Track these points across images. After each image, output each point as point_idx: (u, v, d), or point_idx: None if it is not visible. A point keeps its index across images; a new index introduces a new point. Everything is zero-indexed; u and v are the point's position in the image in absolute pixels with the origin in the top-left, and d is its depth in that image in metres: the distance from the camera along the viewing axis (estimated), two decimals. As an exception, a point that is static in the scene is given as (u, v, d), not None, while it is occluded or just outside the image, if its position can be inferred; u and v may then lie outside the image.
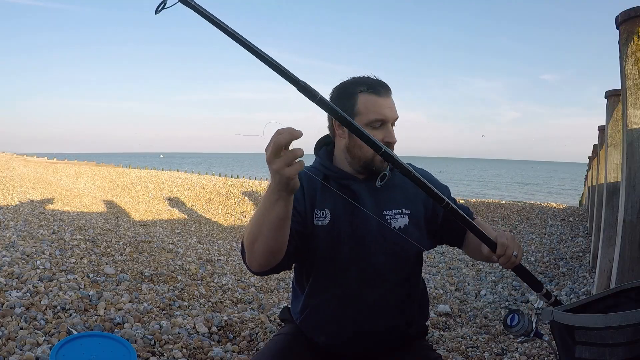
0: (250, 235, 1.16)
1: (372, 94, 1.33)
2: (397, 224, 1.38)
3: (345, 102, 1.34)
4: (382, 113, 1.33)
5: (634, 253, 2.00)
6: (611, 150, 3.65)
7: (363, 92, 1.33)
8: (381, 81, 1.37)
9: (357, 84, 1.35)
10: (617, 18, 2.03)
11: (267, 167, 1.03)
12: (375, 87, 1.34)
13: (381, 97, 1.34)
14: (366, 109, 1.32)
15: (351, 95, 1.34)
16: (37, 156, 36.99)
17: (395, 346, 1.42)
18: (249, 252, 1.19)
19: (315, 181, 1.38)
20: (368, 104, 1.33)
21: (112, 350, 1.85)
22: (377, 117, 1.32)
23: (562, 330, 1.04)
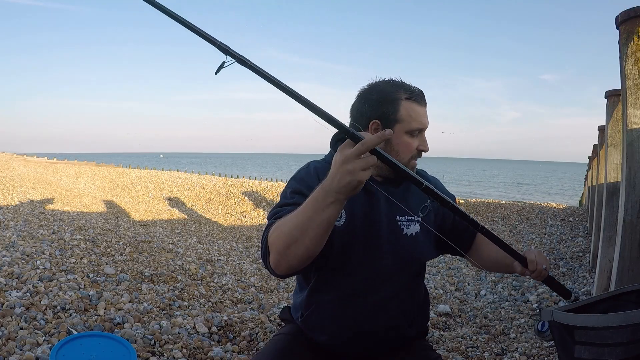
0: (288, 238, 1.10)
1: (414, 103, 1.35)
2: (409, 230, 1.38)
3: (388, 107, 1.34)
4: (422, 122, 1.35)
5: (634, 253, 2.00)
6: (611, 150, 3.64)
7: (406, 99, 1.34)
8: (420, 90, 1.39)
9: (400, 90, 1.35)
10: (617, 18, 2.03)
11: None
12: (417, 95, 1.36)
13: (422, 107, 1.36)
14: (409, 117, 1.33)
15: (394, 100, 1.34)
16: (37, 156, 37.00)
17: (395, 346, 1.43)
18: (280, 254, 1.12)
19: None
20: (411, 112, 1.34)
21: (112, 350, 1.86)
22: (418, 127, 1.34)
23: (562, 330, 1.04)
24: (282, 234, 1.11)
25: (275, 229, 1.15)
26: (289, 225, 1.10)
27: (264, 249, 1.19)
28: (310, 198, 1.06)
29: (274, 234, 1.15)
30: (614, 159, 3.59)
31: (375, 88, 1.37)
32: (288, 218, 1.12)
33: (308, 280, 1.42)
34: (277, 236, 1.13)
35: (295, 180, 1.37)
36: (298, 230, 1.07)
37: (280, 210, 1.28)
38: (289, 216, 1.13)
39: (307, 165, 1.43)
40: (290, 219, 1.11)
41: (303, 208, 1.08)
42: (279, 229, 1.13)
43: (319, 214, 1.03)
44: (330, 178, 1.00)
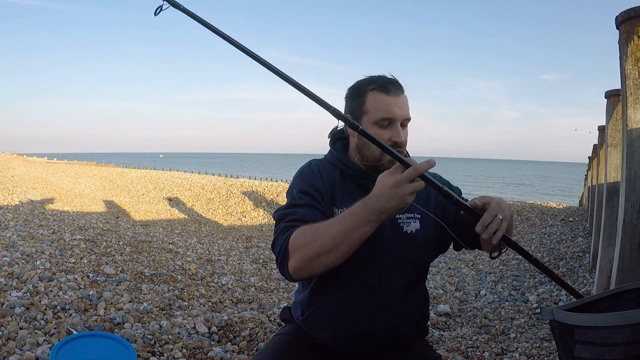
0: (320, 247, 1.12)
1: (381, 92, 1.32)
2: (409, 228, 1.38)
3: (356, 101, 1.35)
4: (389, 111, 1.30)
5: (634, 253, 2.00)
6: (611, 150, 3.64)
7: (373, 90, 1.32)
8: (393, 80, 1.35)
9: (369, 82, 1.35)
10: (617, 18, 2.03)
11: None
12: (385, 85, 1.32)
13: (390, 96, 1.32)
14: (374, 107, 1.31)
15: (361, 93, 1.34)
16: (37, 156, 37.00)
17: (395, 346, 1.43)
18: (306, 262, 1.15)
19: (334, 177, 1.37)
20: (376, 102, 1.31)
21: (112, 350, 1.85)
22: (383, 116, 1.30)
23: (562, 329, 1.04)
24: (313, 243, 1.14)
25: (302, 236, 1.17)
26: (323, 235, 1.13)
27: (283, 253, 1.20)
28: (349, 213, 1.11)
29: (299, 240, 1.17)
30: (614, 159, 3.59)
31: (352, 85, 1.39)
32: (321, 228, 1.14)
33: (309, 279, 1.42)
34: (304, 243, 1.15)
35: (301, 179, 1.37)
36: (332, 241, 1.11)
37: (290, 213, 1.28)
38: (321, 225, 1.15)
39: (309, 163, 1.43)
40: (324, 229, 1.14)
41: (340, 221, 1.12)
42: (308, 237, 1.15)
43: (357, 230, 1.09)
44: (376, 197, 1.05)
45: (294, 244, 1.18)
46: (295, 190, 1.35)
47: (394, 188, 1.04)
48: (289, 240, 1.19)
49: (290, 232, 1.22)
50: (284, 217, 1.29)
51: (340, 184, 1.36)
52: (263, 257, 5.93)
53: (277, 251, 1.23)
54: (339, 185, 1.36)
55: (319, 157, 1.46)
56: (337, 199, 1.35)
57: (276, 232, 1.28)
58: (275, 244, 1.26)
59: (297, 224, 1.23)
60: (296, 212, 1.27)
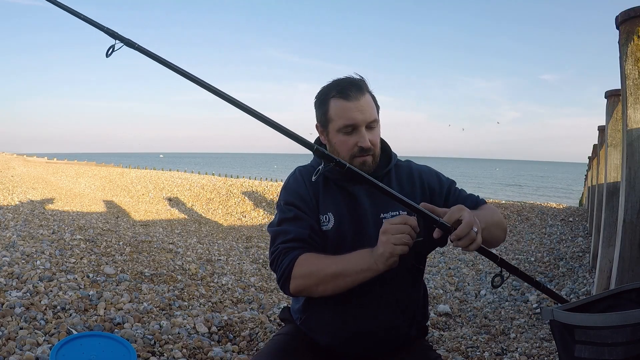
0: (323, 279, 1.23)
1: (341, 99, 1.32)
2: None
3: (320, 110, 1.37)
4: (351, 118, 1.31)
5: (634, 253, 2.00)
6: (611, 150, 3.64)
7: (333, 97, 1.33)
8: (353, 82, 1.34)
9: (330, 89, 1.35)
10: (617, 18, 2.02)
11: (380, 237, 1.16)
12: (345, 90, 1.32)
13: (350, 102, 1.31)
14: (336, 115, 1.32)
15: (324, 101, 1.36)
16: (37, 156, 36.99)
17: (395, 346, 1.42)
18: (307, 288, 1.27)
19: (317, 182, 1.38)
20: (338, 110, 1.32)
21: (112, 350, 1.85)
22: (346, 123, 1.31)
23: (562, 329, 1.04)
24: (316, 275, 1.24)
25: (307, 265, 1.26)
26: (326, 270, 1.23)
27: (286, 276, 1.27)
28: (358, 257, 1.21)
29: (303, 269, 1.25)
30: (614, 159, 3.59)
31: (317, 93, 1.41)
32: (326, 263, 1.24)
33: None
34: (308, 274, 1.25)
35: (286, 190, 1.41)
36: (333, 278, 1.22)
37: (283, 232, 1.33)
38: (327, 261, 1.25)
39: (294, 172, 1.45)
40: (328, 264, 1.24)
41: (348, 262, 1.22)
42: (312, 268, 1.25)
43: (358, 275, 1.20)
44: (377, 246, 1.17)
45: (297, 271, 1.26)
46: (282, 202, 1.39)
47: (387, 236, 1.14)
48: (293, 266, 1.26)
49: (292, 255, 1.28)
50: (277, 235, 1.34)
51: (324, 189, 1.38)
52: (263, 257, 5.93)
53: (280, 273, 1.29)
54: (323, 190, 1.38)
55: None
56: (321, 205, 1.37)
57: (274, 252, 1.33)
58: (276, 264, 1.31)
59: (294, 245, 1.30)
60: (289, 232, 1.33)
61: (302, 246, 1.30)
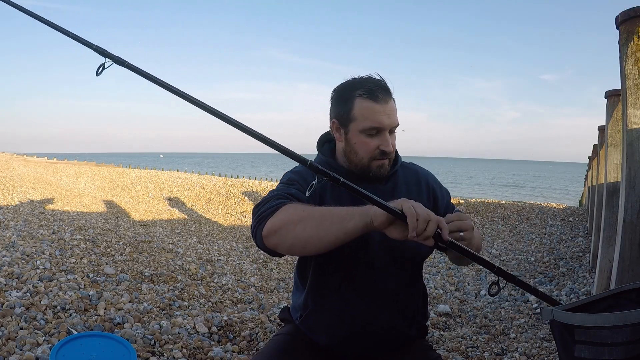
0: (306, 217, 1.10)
1: (369, 100, 1.28)
2: None
3: (343, 106, 1.32)
4: (378, 121, 1.28)
5: (634, 253, 2.00)
6: (611, 150, 3.65)
7: (360, 96, 1.29)
8: (381, 84, 1.31)
9: (356, 87, 1.31)
10: (617, 18, 2.03)
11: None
12: (374, 92, 1.28)
13: (378, 104, 1.28)
14: (362, 115, 1.28)
15: (348, 99, 1.31)
16: (37, 156, 36.97)
17: (395, 346, 1.42)
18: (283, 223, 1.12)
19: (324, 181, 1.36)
20: (364, 110, 1.28)
21: (112, 350, 1.85)
22: (372, 125, 1.28)
23: (562, 329, 1.04)
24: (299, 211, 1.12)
25: (292, 206, 1.15)
26: (311, 209, 1.12)
27: (265, 215, 1.16)
28: (349, 206, 1.10)
29: (287, 208, 1.15)
30: (614, 159, 3.59)
31: (338, 87, 1.36)
32: (317, 207, 1.14)
33: (305, 281, 1.42)
34: (291, 211, 1.13)
35: (292, 172, 1.37)
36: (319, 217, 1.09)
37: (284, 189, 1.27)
38: (319, 207, 1.14)
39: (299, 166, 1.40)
40: (317, 207, 1.13)
41: (337, 208, 1.11)
42: (297, 206, 1.14)
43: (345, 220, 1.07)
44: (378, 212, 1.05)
45: (280, 211, 1.15)
46: (285, 179, 1.34)
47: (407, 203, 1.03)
48: (278, 207, 1.16)
49: (280, 201, 1.19)
50: (276, 189, 1.28)
51: (331, 188, 1.34)
52: (263, 257, 5.93)
53: (259, 213, 1.19)
54: (330, 189, 1.34)
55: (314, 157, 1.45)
56: (327, 200, 1.33)
57: (266, 197, 1.24)
58: (263, 204, 1.21)
59: (285, 198, 1.22)
60: (290, 190, 1.26)
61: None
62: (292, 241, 1.12)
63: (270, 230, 1.14)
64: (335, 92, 1.37)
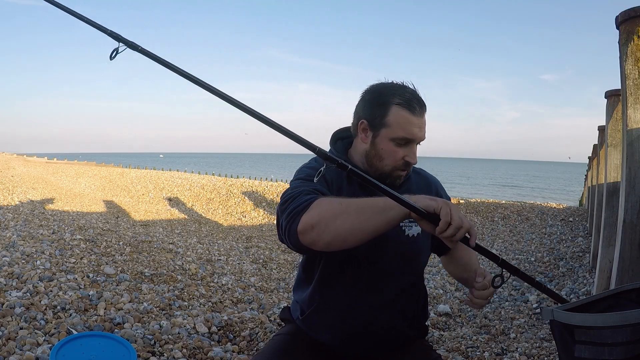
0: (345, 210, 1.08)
1: (406, 110, 1.28)
2: (411, 232, 1.39)
3: (377, 109, 1.30)
4: (411, 132, 1.28)
5: (634, 253, 2.00)
6: (611, 150, 3.65)
7: (398, 104, 1.28)
8: (419, 97, 1.31)
9: (394, 94, 1.29)
10: (617, 18, 2.03)
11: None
12: (411, 103, 1.28)
13: (415, 116, 1.28)
14: (397, 123, 1.28)
15: (385, 103, 1.29)
16: (37, 156, 36.97)
17: (395, 346, 1.43)
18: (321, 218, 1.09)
19: (341, 179, 1.35)
20: (400, 119, 1.27)
21: (112, 350, 1.85)
22: (405, 136, 1.28)
23: (562, 329, 1.04)
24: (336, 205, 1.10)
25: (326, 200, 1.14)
26: (349, 202, 1.11)
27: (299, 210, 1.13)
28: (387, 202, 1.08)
29: (322, 202, 1.13)
30: (614, 159, 3.59)
31: (373, 88, 1.35)
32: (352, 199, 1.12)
33: (311, 276, 1.42)
34: (327, 205, 1.11)
35: (309, 168, 1.35)
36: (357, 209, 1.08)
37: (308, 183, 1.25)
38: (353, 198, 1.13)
39: (315, 159, 1.38)
40: (354, 199, 1.12)
41: (374, 198, 1.10)
42: (332, 201, 1.13)
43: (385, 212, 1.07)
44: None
45: (315, 205, 1.12)
46: (304, 174, 1.31)
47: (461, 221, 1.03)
48: (312, 202, 1.13)
49: (311, 196, 1.17)
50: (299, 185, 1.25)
51: (348, 185, 1.35)
52: (263, 257, 5.93)
53: (292, 209, 1.15)
54: (347, 186, 1.35)
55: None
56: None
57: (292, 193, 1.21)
58: (291, 200, 1.18)
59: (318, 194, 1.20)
60: (316, 185, 1.23)
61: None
62: (332, 235, 1.09)
63: (306, 225, 1.10)
64: (369, 92, 1.34)
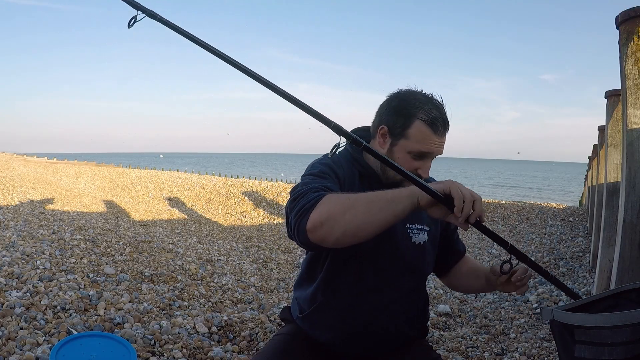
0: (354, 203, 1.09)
1: (429, 128, 1.28)
2: (418, 239, 1.39)
3: (400, 119, 1.30)
4: (429, 149, 1.29)
5: (634, 253, 2.00)
6: (611, 150, 3.65)
7: (422, 120, 1.28)
8: (444, 116, 1.31)
9: (420, 107, 1.29)
10: (617, 18, 2.03)
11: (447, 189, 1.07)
12: (435, 122, 1.28)
13: (436, 135, 1.29)
14: (417, 138, 1.28)
15: (410, 115, 1.29)
16: (37, 156, 36.96)
17: (395, 346, 1.43)
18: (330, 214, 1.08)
19: (354, 176, 1.35)
20: (421, 134, 1.28)
21: (112, 350, 1.85)
22: (422, 150, 1.28)
23: (562, 329, 1.04)
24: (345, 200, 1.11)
25: (335, 196, 1.14)
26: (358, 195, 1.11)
27: (308, 207, 1.13)
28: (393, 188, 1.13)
29: (331, 198, 1.12)
30: (614, 159, 3.59)
31: (401, 96, 1.34)
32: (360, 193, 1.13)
33: (315, 275, 1.42)
34: (335, 200, 1.11)
35: (321, 164, 1.33)
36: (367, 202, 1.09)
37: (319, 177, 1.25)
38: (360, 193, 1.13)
39: (326, 156, 1.35)
40: (362, 194, 1.12)
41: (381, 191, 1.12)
42: (343, 196, 1.13)
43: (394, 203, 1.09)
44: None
45: (324, 201, 1.12)
46: (316, 170, 1.30)
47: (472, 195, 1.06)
48: (321, 198, 1.13)
49: (320, 193, 1.16)
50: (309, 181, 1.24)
51: (360, 183, 1.34)
52: (263, 257, 5.93)
53: (301, 206, 1.14)
54: (359, 184, 1.34)
55: (318, 157, 1.42)
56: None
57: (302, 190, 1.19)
58: (300, 197, 1.17)
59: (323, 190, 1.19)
60: (326, 180, 1.24)
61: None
62: (342, 230, 1.08)
63: (315, 222, 1.10)
64: (396, 99, 1.34)
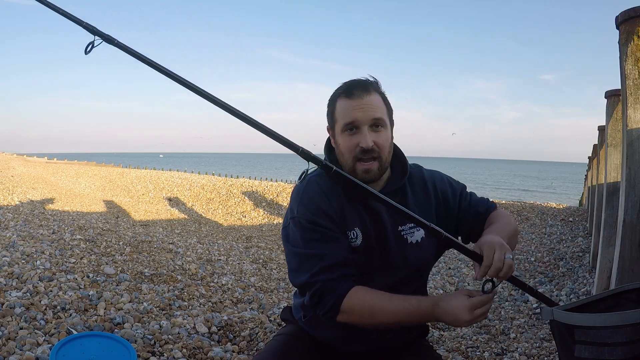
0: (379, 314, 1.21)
1: (345, 98, 1.28)
2: (414, 238, 1.38)
3: (329, 110, 1.34)
4: (351, 116, 1.26)
5: (634, 253, 2.00)
6: (611, 150, 3.64)
7: (339, 96, 1.30)
8: (360, 81, 1.30)
9: (338, 90, 1.32)
10: (617, 18, 2.03)
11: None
12: (349, 89, 1.28)
13: (353, 100, 1.27)
14: (340, 114, 1.29)
15: (332, 101, 1.33)
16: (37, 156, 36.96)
17: (395, 346, 1.43)
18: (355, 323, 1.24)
19: (340, 197, 1.30)
20: (341, 109, 1.29)
21: (112, 350, 1.85)
22: (346, 122, 1.27)
23: (562, 329, 1.04)
24: (368, 313, 1.21)
25: (359, 302, 1.22)
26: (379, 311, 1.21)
27: (335, 309, 1.22)
28: (415, 303, 1.21)
29: (355, 306, 1.21)
30: (614, 159, 3.59)
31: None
32: (381, 302, 1.21)
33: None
34: (360, 311, 1.22)
35: (306, 206, 1.28)
36: (384, 318, 1.21)
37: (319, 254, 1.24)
38: (382, 299, 1.22)
39: (308, 182, 1.32)
40: (383, 305, 1.21)
41: (402, 303, 1.21)
42: (365, 306, 1.21)
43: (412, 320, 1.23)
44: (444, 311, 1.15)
45: (349, 306, 1.22)
46: (302, 219, 1.26)
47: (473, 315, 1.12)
48: (344, 300, 1.21)
49: (339, 290, 1.22)
50: (310, 260, 1.24)
51: (348, 203, 1.31)
52: (263, 257, 5.93)
53: (327, 309, 1.23)
54: (347, 204, 1.31)
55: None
56: (348, 220, 1.30)
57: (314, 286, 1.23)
58: (319, 299, 1.23)
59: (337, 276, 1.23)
60: (325, 257, 1.23)
61: (345, 273, 1.23)
62: (364, 325, 1.26)
63: (344, 319, 1.24)
64: (328, 99, 1.37)
